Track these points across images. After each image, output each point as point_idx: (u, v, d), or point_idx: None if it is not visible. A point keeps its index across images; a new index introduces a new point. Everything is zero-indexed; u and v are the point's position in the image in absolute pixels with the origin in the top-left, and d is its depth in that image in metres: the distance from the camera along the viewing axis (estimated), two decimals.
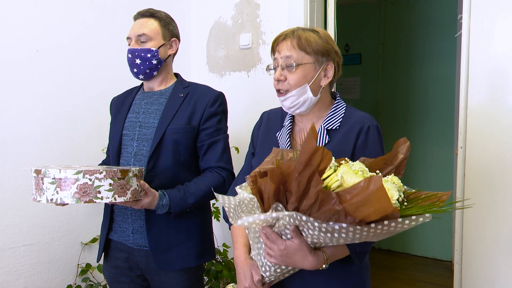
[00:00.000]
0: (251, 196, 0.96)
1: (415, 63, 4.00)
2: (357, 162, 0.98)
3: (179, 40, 1.63)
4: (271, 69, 1.24)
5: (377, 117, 4.12)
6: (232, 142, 1.82)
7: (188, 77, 1.84)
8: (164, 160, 1.49)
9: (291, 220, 0.90)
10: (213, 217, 1.87)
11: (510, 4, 1.75)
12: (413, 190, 1.03)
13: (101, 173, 1.19)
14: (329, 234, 0.89)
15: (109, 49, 2.27)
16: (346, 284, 1.19)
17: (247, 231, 1.14)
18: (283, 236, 1.00)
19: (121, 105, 1.65)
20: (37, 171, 1.21)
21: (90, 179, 1.19)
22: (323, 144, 1.19)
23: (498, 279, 1.79)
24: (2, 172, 1.90)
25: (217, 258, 2.34)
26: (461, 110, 1.87)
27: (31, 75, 1.99)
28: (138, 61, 1.51)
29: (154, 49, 1.52)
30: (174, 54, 1.62)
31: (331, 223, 0.87)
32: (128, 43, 1.55)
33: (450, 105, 3.71)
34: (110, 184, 1.21)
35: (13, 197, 1.92)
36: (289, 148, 1.23)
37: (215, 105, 1.55)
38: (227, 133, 1.61)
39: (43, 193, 1.20)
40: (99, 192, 1.20)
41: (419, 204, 0.94)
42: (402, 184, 1.00)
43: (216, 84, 2.37)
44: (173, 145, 1.49)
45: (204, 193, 1.48)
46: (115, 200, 1.22)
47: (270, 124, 1.35)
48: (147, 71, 1.53)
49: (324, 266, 1.04)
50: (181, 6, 2.70)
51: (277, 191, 0.91)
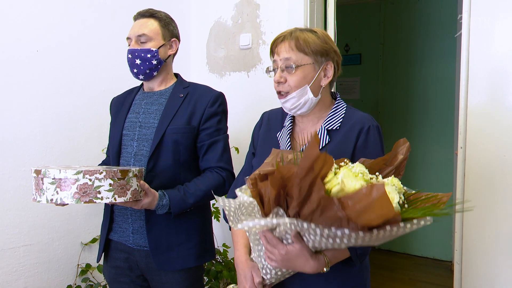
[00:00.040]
0: (251, 200, 0.96)
1: (415, 63, 4.00)
2: (357, 164, 0.97)
3: (179, 40, 1.63)
4: (271, 71, 1.24)
5: (377, 117, 4.12)
6: (232, 142, 1.82)
7: (188, 77, 1.84)
8: (164, 160, 1.49)
9: (292, 227, 0.90)
10: (213, 217, 1.87)
11: (510, 4, 1.75)
12: (413, 191, 1.03)
13: (101, 173, 1.19)
14: (331, 240, 0.88)
15: (109, 49, 2.28)
16: (346, 285, 1.19)
17: (248, 233, 1.13)
18: (284, 241, 0.99)
19: (121, 105, 1.65)
20: (37, 171, 1.21)
21: (90, 179, 1.19)
22: (324, 145, 1.19)
23: (498, 279, 1.79)
24: (2, 172, 1.90)
25: (217, 258, 2.34)
26: (461, 110, 1.87)
27: (31, 75, 1.99)
28: (138, 62, 1.51)
29: (154, 50, 1.52)
30: (174, 54, 1.62)
31: (333, 229, 0.87)
32: (128, 43, 1.55)
33: (450, 105, 3.70)
34: (110, 184, 1.21)
35: (13, 197, 1.92)
36: (289, 149, 1.23)
37: (215, 105, 1.55)
38: (227, 133, 1.61)
39: (43, 193, 1.20)
40: (99, 192, 1.20)
41: (419, 206, 0.93)
42: (402, 186, 1.00)
43: (216, 84, 2.37)
44: (173, 145, 1.49)
45: (204, 193, 1.48)
46: (115, 200, 1.22)
47: (271, 124, 1.35)
48: (147, 71, 1.53)
49: (325, 270, 1.04)
50: (181, 6, 2.70)
51: (278, 196, 0.90)
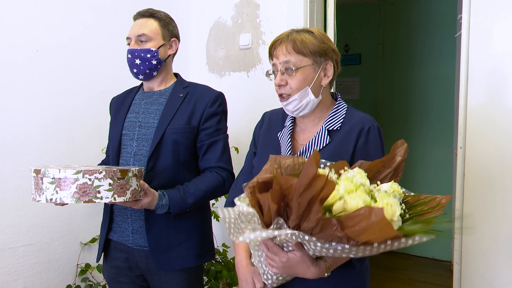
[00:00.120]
0: (250, 210, 0.96)
1: (415, 63, 4.00)
2: (357, 170, 0.97)
3: (179, 40, 1.63)
4: (271, 74, 1.24)
5: (377, 117, 4.12)
6: (232, 142, 1.82)
7: (188, 77, 1.84)
8: (164, 160, 1.49)
9: (293, 237, 0.90)
10: (213, 217, 1.86)
11: (510, 4, 1.75)
12: (412, 194, 1.03)
13: (101, 173, 1.19)
14: (331, 251, 0.89)
15: (109, 49, 2.28)
16: (346, 285, 1.19)
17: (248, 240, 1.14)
18: (285, 248, 1.00)
19: (121, 105, 1.65)
20: (37, 171, 1.21)
21: (90, 179, 1.19)
22: (324, 145, 1.19)
23: (498, 279, 1.79)
24: (2, 172, 1.90)
25: (217, 258, 2.34)
26: (461, 110, 1.87)
27: (31, 75, 1.99)
28: (138, 61, 1.51)
29: (154, 49, 1.52)
30: (174, 54, 1.62)
31: (334, 244, 0.87)
32: (128, 43, 1.55)
33: (450, 105, 3.71)
34: (110, 184, 1.21)
35: (13, 197, 1.92)
36: (290, 148, 1.23)
37: (215, 105, 1.55)
38: (227, 133, 1.61)
39: (43, 193, 1.20)
40: (99, 192, 1.19)
41: (419, 210, 0.93)
42: (401, 188, 1.00)
43: (216, 84, 2.37)
44: (173, 145, 1.49)
45: (204, 193, 1.48)
46: (115, 200, 1.22)
47: (272, 124, 1.35)
48: (147, 71, 1.53)
49: (326, 275, 1.04)
50: (181, 6, 2.70)
51: (278, 208, 0.90)
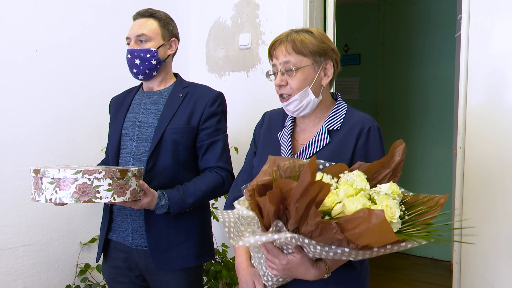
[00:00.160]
0: (250, 214, 0.96)
1: (415, 64, 4.00)
2: (356, 173, 0.97)
3: (179, 40, 1.63)
4: (271, 75, 1.24)
5: (376, 117, 4.12)
6: (232, 142, 1.82)
7: (188, 77, 1.84)
8: (163, 160, 1.49)
9: (293, 241, 0.90)
10: (212, 217, 1.86)
11: (510, 4, 1.75)
12: (411, 194, 1.03)
13: (100, 173, 1.19)
14: (331, 254, 0.89)
15: (109, 49, 2.27)
16: (346, 285, 1.19)
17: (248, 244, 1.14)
18: (285, 250, 1.00)
19: (120, 105, 1.65)
20: (36, 171, 1.21)
21: (89, 179, 1.19)
22: (324, 145, 1.19)
23: (497, 279, 1.79)
24: (2, 172, 1.90)
25: (216, 258, 2.33)
26: (460, 110, 1.87)
27: (31, 75, 1.99)
28: (138, 61, 1.51)
29: (154, 49, 1.52)
30: (174, 54, 1.62)
31: (334, 247, 0.87)
32: (127, 43, 1.55)
33: (449, 105, 3.71)
34: (109, 184, 1.21)
35: (12, 197, 1.92)
36: (290, 149, 1.23)
37: (215, 105, 1.55)
38: (227, 133, 1.61)
39: (42, 193, 1.20)
40: (98, 192, 1.19)
41: (418, 216, 0.93)
42: (400, 187, 1.00)
43: (216, 84, 2.37)
44: (173, 145, 1.49)
45: (204, 193, 1.48)
46: (114, 200, 1.22)
47: (272, 124, 1.35)
48: (147, 71, 1.53)
49: (326, 276, 1.04)
50: (181, 6, 2.70)
51: (277, 211, 0.90)
